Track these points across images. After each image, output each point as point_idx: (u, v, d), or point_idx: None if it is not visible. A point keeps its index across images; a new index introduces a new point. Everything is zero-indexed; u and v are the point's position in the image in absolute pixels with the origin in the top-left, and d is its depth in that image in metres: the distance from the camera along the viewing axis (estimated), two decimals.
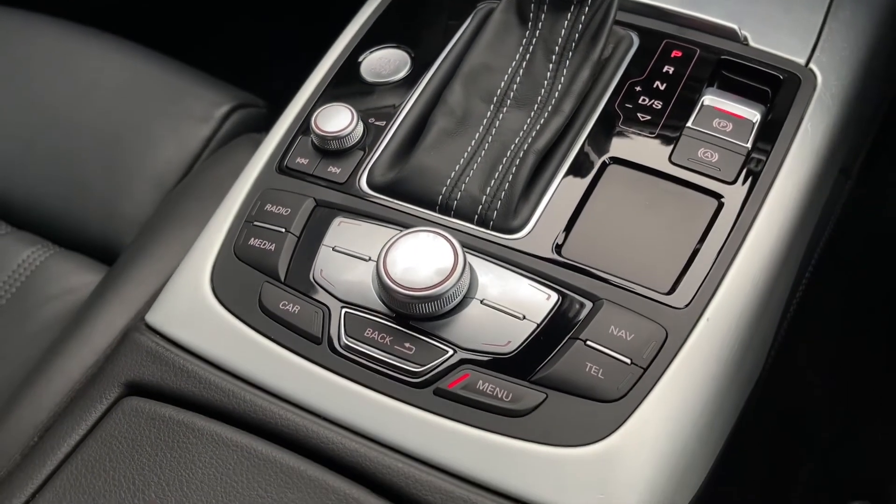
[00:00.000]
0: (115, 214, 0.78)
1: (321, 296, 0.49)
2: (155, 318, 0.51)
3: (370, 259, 0.50)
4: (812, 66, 0.56)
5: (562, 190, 0.52)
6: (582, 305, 0.47)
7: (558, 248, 0.50)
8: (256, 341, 0.49)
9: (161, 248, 0.66)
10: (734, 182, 0.51)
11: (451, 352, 0.46)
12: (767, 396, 0.59)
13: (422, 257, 0.47)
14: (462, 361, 0.46)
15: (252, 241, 0.52)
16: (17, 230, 0.79)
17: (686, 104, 0.55)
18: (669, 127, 0.54)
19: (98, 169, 0.80)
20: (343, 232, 0.52)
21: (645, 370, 0.45)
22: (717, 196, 0.51)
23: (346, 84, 0.59)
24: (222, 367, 0.48)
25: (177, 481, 0.43)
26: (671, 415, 0.44)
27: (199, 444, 0.44)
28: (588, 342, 0.46)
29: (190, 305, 0.51)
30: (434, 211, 0.52)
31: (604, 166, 0.52)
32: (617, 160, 0.53)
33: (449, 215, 0.52)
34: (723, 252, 0.49)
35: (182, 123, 0.82)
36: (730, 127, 0.54)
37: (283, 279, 0.50)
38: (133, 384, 0.48)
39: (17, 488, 0.43)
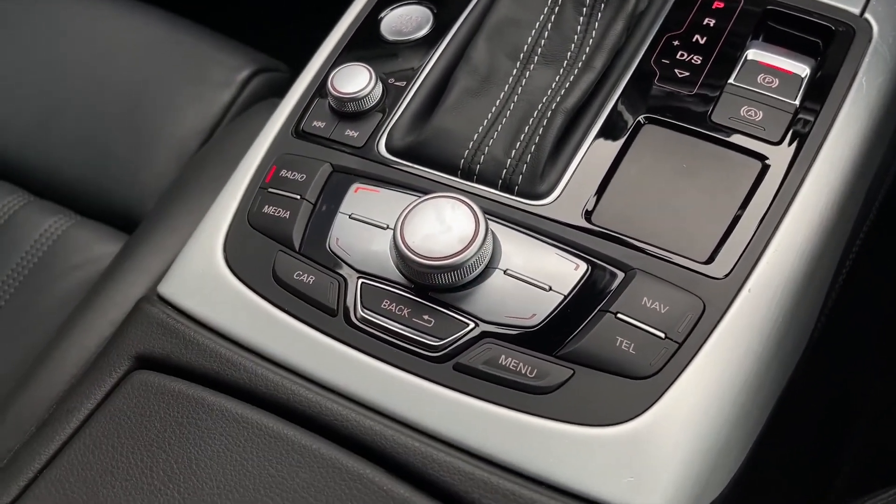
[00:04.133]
0: (136, 182, 0.76)
1: (337, 266, 0.47)
2: (166, 288, 0.50)
3: (388, 227, 0.47)
4: (867, 15, 0.52)
5: (592, 152, 0.48)
6: (613, 276, 0.44)
7: (588, 215, 0.47)
8: (270, 313, 0.47)
9: (180, 217, 0.64)
10: (780, 142, 0.47)
11: (472, 325, 0.44)
12: (812, 372, 0.56)
13: (441, 225, 0.44)
14: (484, 335, 0.43)
15: (266, 209, 0.50)
16: (39, 199, 0.78)
17: (728, 59, 0.51)
18: (710, 84, 0.50)
19: (119, 136, 0.79)
20: (360, 199, 0.49)
21: (680, 345, 0.42)
22: (762, 157, 0.47)
23: (365, 43, 0.56)
24: (234, 340, 0.46)
25: (185, 458, 0.41)
26: (708, 393, 0.41)
27: (208, 421, 0.42)
28: (619, 315, 0.43)
29: (202, 276, 0.49)
30: (456, 176, 0.49)
31: (638, 126, 0.49)
32: (652, 120, 0.49)
33: (471, 180, 0.49)
34: (766, 218, 0.45)
35: (203, 89, 0.80)
36: (776, 83, 0.50)
37: (297, 248, 0.48)
38: (143, 357, 0.46)
39: (24, 465, 0.42)
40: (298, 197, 0.50)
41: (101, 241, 0.73)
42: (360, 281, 0.46)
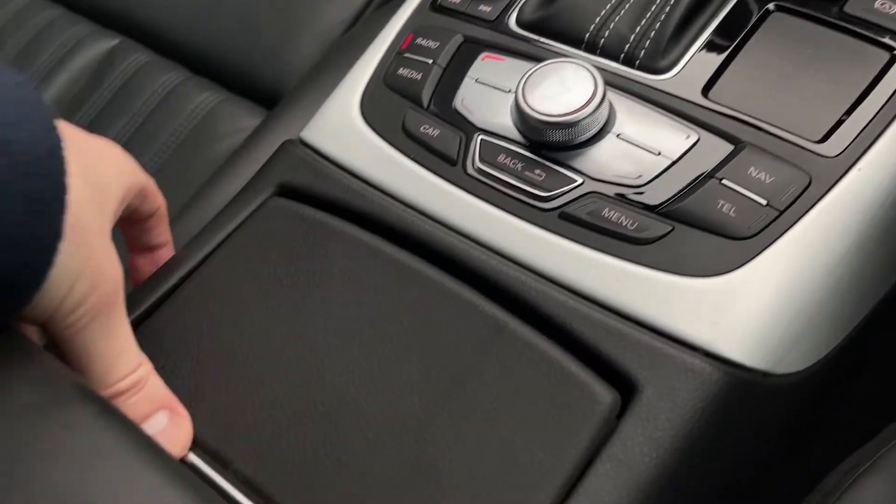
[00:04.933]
0: (282, 64, 0.83)
1: (460, 122, 0.51)
2: (308, 134, 0.55)
3: (510, 91, 0.51)
4: None
5: (717, 33, 0.50)
6: (723, 147, 0.46)
7: (705, 91, 0.48)
8: (397, 159, 0.51)
9: (320, 89, 0.70)
10: None
11: (580, 181, 0.47)
12: None
13: (561, 86, 0.47)
14: (590, 191, 0.46)
15: (400, 71, 0.54)
16: (196, 75, 0.86)
17: None
18: None
19: (270, 23, 0.86)
20: (487, 66, 0.53)
21: (781, 213, 0.43)
22: (890, 49, 0.47)
23: None
24: (366, 181, 0.51)
25: (311, 272, 0.47)
26: (802, 260, 0.43)
27: (333, 243, 0.48)
28: (723, 181, 0.44)
29: (340, 125, 0.54)
30: (580, 49, 0.52)
31: (766, 13, 0.50)
32: (782, 8, 0.49)
33: (594, 53, 0.51)
34: (887, 106, 0.45)
35: None
36: None
37: (425, 106, 0.52)
38: (283, 186, 0.52)
39: (173, 270, 0.49)
40: (431, 62, 0.54)
41: (247, 115, 0.81)
42: (480, 137, 0.50)
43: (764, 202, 0.44)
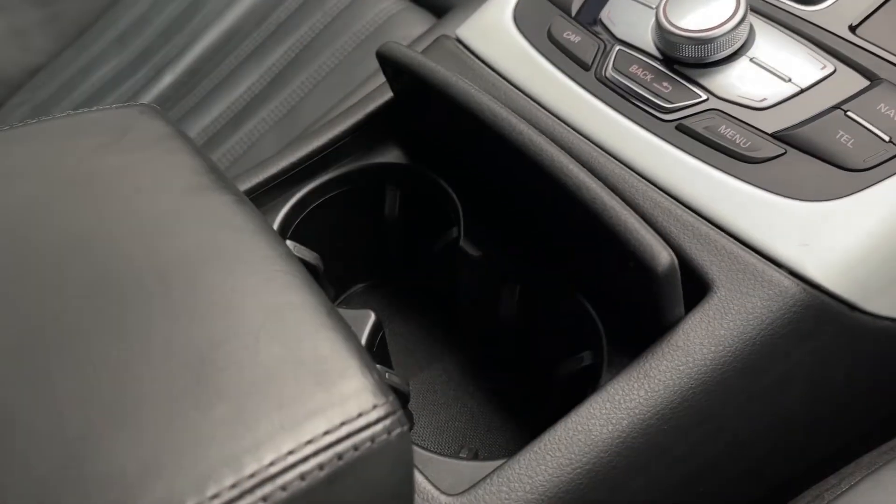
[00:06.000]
0: None
1: (601, 33, 0.54)
2: (462, 31, 0.60)
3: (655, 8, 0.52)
4: None
5: None
6: (857, 82, 0.46)
7: (853, 29, 0.47)
8: (536, 60, 0.55)
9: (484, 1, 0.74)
10: None
11: (704, 97, 0.48)
12: None
13: (704, 5, 0.48)
14: (712, 108, 0.48)
15: None
16: None
17: None
18: None
19: None
20: None
21: None
22: None
23: None
24: (505, 78, 0.55)
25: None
26: None
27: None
28: (848, 112, 0.44)
29: (492, 26, 0.58)
30: None
31: None
32: None
33: None
34: None
35: None
36: None
37: (573, 14, 0.55)
38: None
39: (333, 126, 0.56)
40: None
41: (420, 22, 0.87)
42: (618, 48, 0.52)
43: (887, 138, 0.43)
